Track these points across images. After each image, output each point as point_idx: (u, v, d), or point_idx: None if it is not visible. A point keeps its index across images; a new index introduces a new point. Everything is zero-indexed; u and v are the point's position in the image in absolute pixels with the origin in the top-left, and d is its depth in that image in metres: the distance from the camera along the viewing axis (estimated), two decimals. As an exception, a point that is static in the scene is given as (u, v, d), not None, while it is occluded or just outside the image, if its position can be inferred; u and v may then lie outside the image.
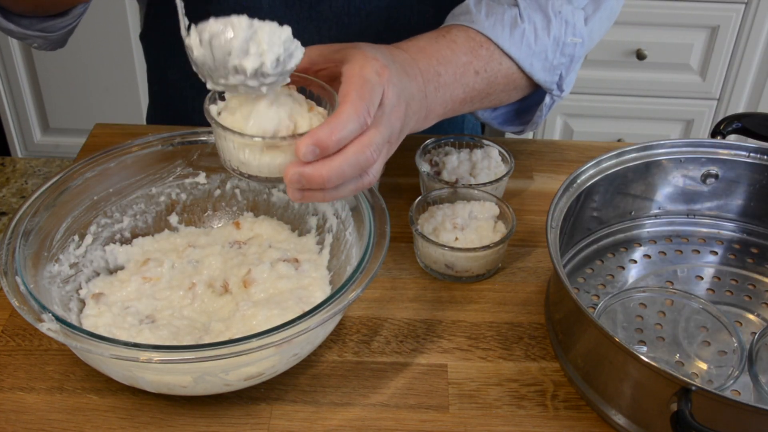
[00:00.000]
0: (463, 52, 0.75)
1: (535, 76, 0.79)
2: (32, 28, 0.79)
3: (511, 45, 0.77)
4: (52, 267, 0.70)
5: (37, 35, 0.80)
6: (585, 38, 0.80)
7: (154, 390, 0.63)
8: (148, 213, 0.79)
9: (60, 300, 0.68)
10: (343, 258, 0.73)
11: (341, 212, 0.75)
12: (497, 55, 0.77)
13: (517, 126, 0.90)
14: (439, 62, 0.73)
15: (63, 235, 0.72)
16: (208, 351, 0.56)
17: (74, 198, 0.73)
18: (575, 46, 0.79)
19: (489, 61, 0.76)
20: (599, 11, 0.80)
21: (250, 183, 0.80)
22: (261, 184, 0.80)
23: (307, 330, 0.58)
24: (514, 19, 0.77)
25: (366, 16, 0.92)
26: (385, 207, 0.69)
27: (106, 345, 0.57)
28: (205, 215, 0.81)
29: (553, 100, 0.83)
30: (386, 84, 0.62)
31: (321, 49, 0.66)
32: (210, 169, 0.80)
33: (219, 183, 0.81)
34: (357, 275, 0.63)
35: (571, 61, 0.80)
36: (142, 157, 0.77)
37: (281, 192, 0.80)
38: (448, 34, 0.76)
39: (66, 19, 0.81)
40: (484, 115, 0.89)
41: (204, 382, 0.61)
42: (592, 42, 0.82)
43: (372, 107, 0.59)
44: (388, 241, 0.66)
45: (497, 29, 0.76)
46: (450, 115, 0.76)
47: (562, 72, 0.81)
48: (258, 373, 0.62)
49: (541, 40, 0.77)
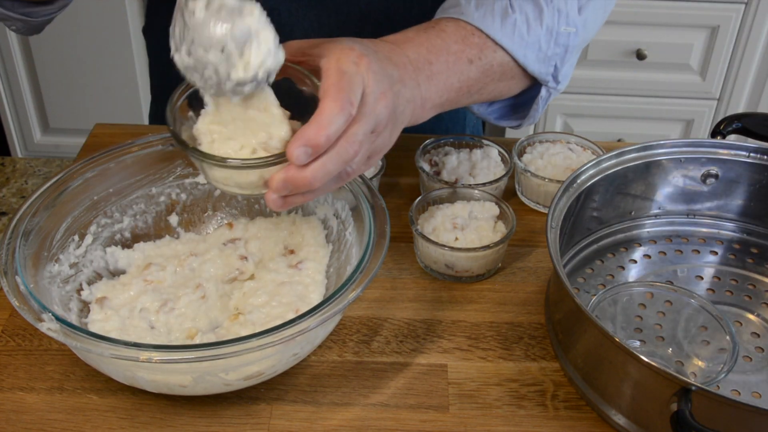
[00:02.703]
0: (453, 41, 0.74)
1: (529, 67, 0.78)
2: (15, 11, 0.77)
3: (503, 36, 0.75)
4: (52, 267, 0.70)
5: (19, 18, 0.78)
6: (579, 27, 0.78)
7: (154, 390, 0.63)
8: (148, 213, 0.79)
9: (60, 300, 0.68)
10: (343, 258, 0.73)
11: (341, 212, 0.75)
12: (490, 44, 0.75)
13: (514, 120, 0.89)
14: (429, 51, 0.71)
15: (63, 235, 0.71)
16: (208, 351, 0.56)
17: (74, 198, 0.73)
18: (569, 35, 0.78)
19: (482, 50, 0.75)
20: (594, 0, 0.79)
21: None
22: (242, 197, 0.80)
23: (306, 330, 0.58)
24: (505, 10, 0.76)
25: (366, 5, 0.91)
26: (385, 207, 0.69)
27: (106, 345, 0.57)
28: (205, 215, 0.81)
29: (549, 93, 0.82)
30: (365, 72, 0.60)
31: (300, 43, 0.65)
32: None
33: None
34: (357, 275, 0.63)
35: (566, 51, 0.79)
36: (142, 157, 0.76)
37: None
38: (437, 25, 0.75)
39: (50, 8, 0.80)
40: (479, 109, 0.88)
41: (204, 382, 0.61)
42: (587, 32, 0.80)
43: (354, 97, 0.58)
44: (388, 241, 0.66)
45: (488, 20, 0.75)
46: (449, 106, 0.75)
47: (557, 63, 0.80)
48: (258, 373, 0.62)
49: (533, 31, 0.76)
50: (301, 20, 0.93)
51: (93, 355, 0.59)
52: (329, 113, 0.57)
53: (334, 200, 0.76)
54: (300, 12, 0.92)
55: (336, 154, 0.58)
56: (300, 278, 0.72)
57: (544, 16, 0.76)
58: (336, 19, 0.92)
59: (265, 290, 0.71)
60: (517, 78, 0.79)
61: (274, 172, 0.58)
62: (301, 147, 0.56)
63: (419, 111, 0.70)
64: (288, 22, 0.93)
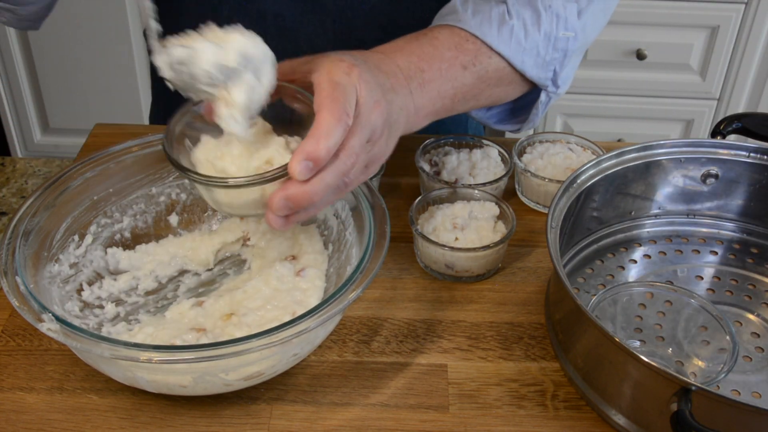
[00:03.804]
0: (446, 48, 0.73)
1: (528, 72, 0.78)
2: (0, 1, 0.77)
3: (500, 42, 0.75)
4: (52, 267, 0.70)
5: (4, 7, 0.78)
6: (578, 32, 0.78)
7: (154, 390, 0.63)
8: (148, 213, 0.79)
9: (60, 300, 0.68)
10: (343, 258, 0.73)
11: (341, 212, 0.75)
12: (485, 50, 0.75)
13: (514, 125, 0.89)
14: (420, 58, 0.71)
15: (63, 235, 0.71)
16: (208, 351, 0.56)
17: (74, 198, 0.73)
18: (568, 40, 0.78)
19: (477, 56, 0.75)
20: (593, 3, 0.78)
21: None
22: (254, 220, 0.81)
23: (306, 330, 0.58)
24: (502, 16, 0.75)
25: (369, 9, 0.91)
26: (385, 207, 0.69)
27: (106, 345, 0.57)
28: (205, 215, 0.81)
29: (549, 97, 0.82)
30: (357, 81, 0.60)
31: (291, 63, 0.66)
32: None
33: None
34: (357, 275, 0.63)
35: (565, 55, 0.79)
36: (142, 157, 0.76)
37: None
38: (429, 33, 0.75)
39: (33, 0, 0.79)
40: (478, 114, 0.88)
41: (204, 382, 0.61)
42: (586, 36, 0.80)
43: (350, 107, 0.58)
44: (388, 241, 0.66)
45: (484, 27, 0.75)
46: (444, 113, 0.75)
47: (556, 67, 0.79)
48: (258, 373, 0.62)
49: (531, 36, 0.76)
50: (305, 25, 0.93)
51: (93, 355, 0.59)
52: (327, 126, 0.56)
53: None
54: (304, 17, 0.92)
55: (334, 167, 0.58)
56: (300, 284, 0.72)
57: (542, 21, 0.76)
58: (340, 24, 0.92)
59: (260, 295, 0.71)
60: (515, 83, 0.79)
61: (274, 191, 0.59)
62: (302, 162, 0.56)
63: (413, 119, 0.70)
64: (292, 27, 0.93)
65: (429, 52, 0.72)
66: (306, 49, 0.96)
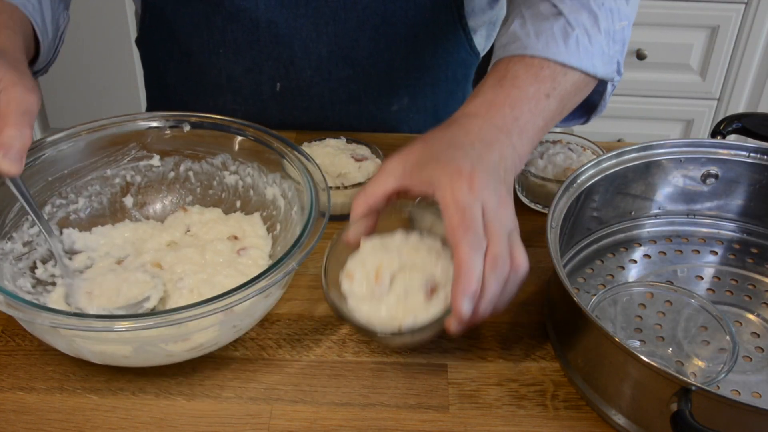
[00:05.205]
0: (528, 84, 0.72)
1: (599, 74, 0.77)
2: None
3: (570, 57, 0.74)
4: (5, 244, 0.71)
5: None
6: (630, 17, 0.78)
7: (99, 361, 0.65)
8: (103, 194, 0.80)
9: (12, 276, 0.70)
10: (288, 237, 0.75)
11: (288, 192, 0.77)
12: (560, 69, 0.74)
13: (580, 118, 0.87)
14: (512, 108, 0.70)
15: (17, 214, 0.73)
16: (146, 320, 0.58)
17: (29, 178, 0.73)
18: (624, 29, 0.78)
19: (554, 78, 0.74)
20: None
21: None
22: None
23: (243, 300, 0.60)
24: (564, 30, 0.74)
25: (363, 10, 0.91)
26: (327, 188, 0.71)
27: (47, 314, 0.58)
28: (159, 197, 0.83)
29: (613, 85, 0.81)
30: (479, 193, 0.61)
31: (403, 166, 0.66)
32: (164, 152, 0.82)
33: (173, 165, 0.82)
34: (294, 250, 0.64)
35: (623, 45, 0.79)
36: (96, 139, 0.78)
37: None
38: (507, 74, 0.73)
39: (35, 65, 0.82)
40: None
41: (145, 353, 0.63)
42: (635, 15, 0.81)
43: (481, 230, 0.60)
44: (327, 219, 0.68)
45: (552, 47, 0.73)
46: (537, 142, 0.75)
47: (618, 58, 0.79)
48: (199, 345, 0.64)
49: (594, 39, 0.75)
50: (299, 31, 0.93)
51: (37, 326, 0.61)
52: (468, 261, 0.58)
53: (282, 181, 0.78)
54: (297, 22, 0.92)
55: (493, 281, 0.60)
56: (242, 261, 0.75)
57: (600, 21, 0.75)
58: (334, 26, 0.92)
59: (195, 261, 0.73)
60: (588, 86, 0.78)
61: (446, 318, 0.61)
62: (464, 302, 0.58)
63: (519, 167, 0.70)
64: (286, 33, 0.93)
65: (516, 96, 0.71)
66: (301, 54, 0.96)
